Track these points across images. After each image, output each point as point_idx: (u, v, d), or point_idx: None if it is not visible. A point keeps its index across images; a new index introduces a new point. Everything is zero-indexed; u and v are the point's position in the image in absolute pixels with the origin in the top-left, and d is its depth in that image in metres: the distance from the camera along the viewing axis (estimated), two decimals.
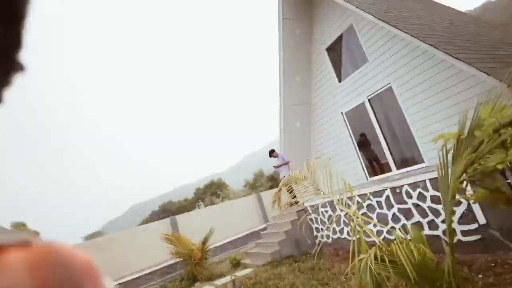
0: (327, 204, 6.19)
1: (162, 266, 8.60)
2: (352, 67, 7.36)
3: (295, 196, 6.82)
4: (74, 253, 0.29)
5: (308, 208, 6.81)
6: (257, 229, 10.87)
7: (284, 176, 8.06)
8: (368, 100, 6.97)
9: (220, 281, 6.26)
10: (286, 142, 8.62)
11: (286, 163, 8.09)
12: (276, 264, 6.16)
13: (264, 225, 10.17)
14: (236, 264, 7.42)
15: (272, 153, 8.38)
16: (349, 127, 7.64)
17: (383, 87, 6.55)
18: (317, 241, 6.66)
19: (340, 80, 7.69)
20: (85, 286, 0.27)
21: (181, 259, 7.61)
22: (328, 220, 6.26)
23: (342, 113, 7.69)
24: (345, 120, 7.68)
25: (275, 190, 5.88)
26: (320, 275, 4.76)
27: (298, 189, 6.35)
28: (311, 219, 6.80)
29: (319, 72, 8.28)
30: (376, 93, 6.76)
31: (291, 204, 6.95)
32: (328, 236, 6.34)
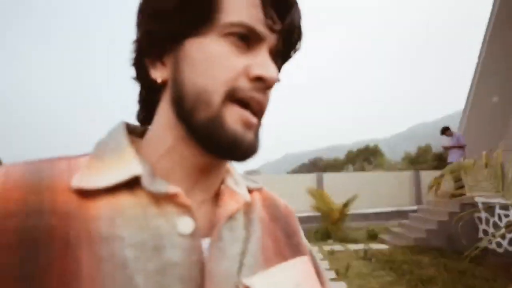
0: (510, 207, 4.86)
1: (300, 215, 9.48)
2: None
3: (461, 187, 5.69)
4: (279, 198, 0.54)
5: (480, 204, 5.59)
6: (405, 209, 9.96)
7: (452, 161, 6.75)
8: None
9: (352, 246, 6.38)
10: (470, 120, 7.01)
11: (460, 146, 6.67)
12: (418, 251, 5.62)
13: (415, 207, 9.14)
14: (373, 236, 7.26)
15: (446, 130, 7.01)
16: None
17: None
18: (480, 244, 5.51)
19: None
20: (290, 218, 0.52)
21: (319, 214, 8.13)
22: (505, 225, 4.97)
23: None
24: None
25: (438, 173, 5.08)
26: (472, 282, 4.04)
27: (467, 180, 5.26)
28: (479, 218, 5.60)
29: None
30: None
31: (454, 195, 5.87)
32: (499, 244, 5.11)
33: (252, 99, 0.36)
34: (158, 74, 0.39)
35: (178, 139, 0.39)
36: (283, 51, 0.40)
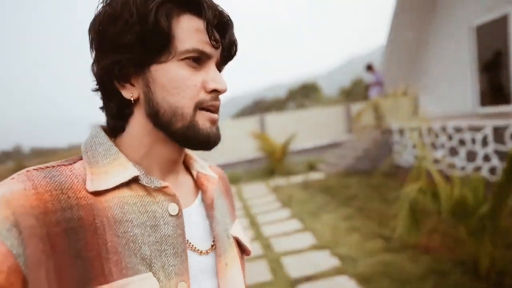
0: (414, 129, 5.85)
1: (246, 159, 10.01)
2: None
3: (380, 119, 6.58)
4: (222, 170, 0.71)
5: (393, 131, 6.57)
6: (339, 141, 11.14)
7: (372, 96, 7.62)
8: None
9: (294, 179, 7.17)
10: (391, 54, 7.71)
11: (379, 84, 7.51)
12: (347, 176, 6.59)
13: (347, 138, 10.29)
14: (312, 168, 8.16)
15: (369, 68, 7.77)
16: (475, 45, 6.26)
17: None
18: (387, 161, 6.64)
19: None
20: (230, 186, 0.70)
21: (264, 155, 8.73)
22: (413, 145, 6.03)
23: (471, 27, 6.23)
24: (472, 36, 6.26)
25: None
26: (386, 192, 5.01)
27: (385, 111, 6.07)
28: (396, 142, 6.63)
29: None
30: None
31: (377, 126, 6.79)
32: (407, 161, 6.23)
33: (212, 106, 0.50)
34: (129, 93, 0.49)
35: (156, 142, 0.51)
36: (225, 60, 0.54)
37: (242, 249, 0.63)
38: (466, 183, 2.50)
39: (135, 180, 0.48)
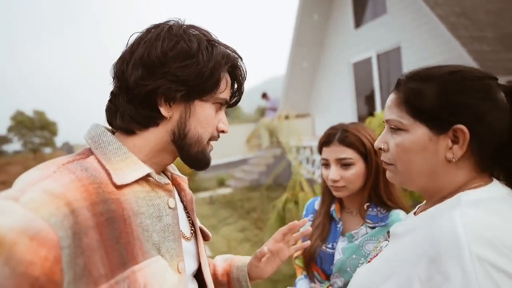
0: (306, 147, 6.73)
1: None
2: (371, 15, 6.97)
3: (274, 138, 7.36)
4: None
5: (291, 148, 7.39)
6: (249, 157, 11.77)
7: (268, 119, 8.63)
8: (377, 55, 6.82)
9: (202, 194, 7.32)
10: (289, 82, 8.73)
11: (273, 109, 8.63)
12: (252, 190, 7.06)
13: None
14: (222, 183, 8.43)
15: (263, 96, 8.96)
16: (352, 77, 7.62)
17: (393, 46, 6.34)
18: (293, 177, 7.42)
19: (356, 26, 7.35)
20: None
21: None
22: (307, 161, 6.89)
23: (349, 63, 7.59)
24: (350, 70, 7.62)
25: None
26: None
27: (281, 131, 6.81)
28: (295, 158, 7.44)
29: (339, 11, 7.84)
30: (385, 50, 6.58)
31: (271, 144, 7.54)
32: (303, 175, 7.04)
33: (214, 140, 0.66)
34: (167, 112, 0.58)
35: (163, 151, 0.61)
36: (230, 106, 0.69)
37: (204, 235, 0.76)
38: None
39: (143, 177, 0.57)
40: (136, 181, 0.55)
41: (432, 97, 0.57)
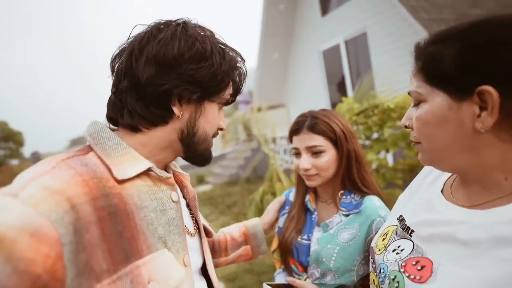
0: (282, 138, 6.77)
1: None
2: (337, 2, 7.04)
3: (249, 130, 7.33)
4: None
5: (267, 140, 7.41)
6: (227, 151, 11.69)
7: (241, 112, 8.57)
8: (345, 42, 6.92)
9: None
10: (261, 74, 8.69)
11: (245, 102, 8.57)
12: (232, 184, 7.03)
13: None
14: (201, 181, 8.33)
15: None
16: (323, 65, 7.70)
17: (359, 32, 6.45)
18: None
19: (323, 14, 7.40)
20: None
21: None
22: (284, 152, 6.93)
23: (318, 51, 7.65)
24: (320, 58, 7.70)
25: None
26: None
27: (255, 124, 6.80)
28: (271, 149, 7.46)
29: (304, 0, 7.85)
30: (352, 36, 6.69)
31: (248, 137, 7.52)
32: (281, 166, 7.10)
33: (215, 136, 0.68)
34: (179, 111, 0.59)
35: (168, 148, 0.62)
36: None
37: (207, 233, 0.79)
38: None
39: (144, 171, 0.57)
40: (138, 176, 0.55)
41: (450, 57, 0.47)
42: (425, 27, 4.59)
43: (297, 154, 0.99)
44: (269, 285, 0.91)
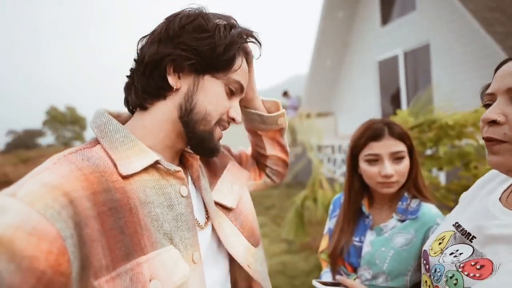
0: (327, 147, 6.66)
1: None
2: (399, 12, 6.76)
3: (294, 137, 7.32)
4: None
5: (313, 147, 7.34)
6: None
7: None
8: (404, 53, 6.62)
9: None
10: (312, 80, 8.65)
11: (293, 107, 8.56)
12: (272, 187, 7.04)
13: None
14: None
15: (284, 94, 8.85)
16: (377, 76, 7.43)
17: (421, 43, 6.13)
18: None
19: (383, 23, 7.15)
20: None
21: None
22: (328, 160, 6.82)
23: (374, 61, 7.41)
24: (375, 68, 7.44)
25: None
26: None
27: (301, 130, 6.79)
28: (315, 156, 7.39)
29: (365, 9, 7.66)
30: (412, 48, 6.37)
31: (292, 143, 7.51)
32: (325, 174, 6.98)
33: (224, 126, 0.62)
34: (174, 82, 0.55)
35: (172, 131, 0.57)
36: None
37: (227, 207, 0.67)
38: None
39: (152, 165, 0.54)
40: (145, 170, 0.54)
41: None
42: (499, 41, 4.23)
43: (374, 161, 0.95)
44: (319, 282, 0.91)
